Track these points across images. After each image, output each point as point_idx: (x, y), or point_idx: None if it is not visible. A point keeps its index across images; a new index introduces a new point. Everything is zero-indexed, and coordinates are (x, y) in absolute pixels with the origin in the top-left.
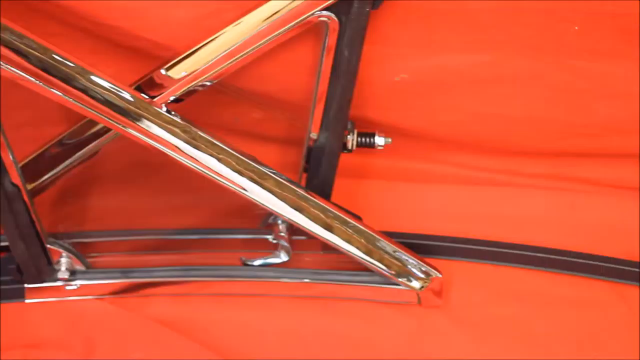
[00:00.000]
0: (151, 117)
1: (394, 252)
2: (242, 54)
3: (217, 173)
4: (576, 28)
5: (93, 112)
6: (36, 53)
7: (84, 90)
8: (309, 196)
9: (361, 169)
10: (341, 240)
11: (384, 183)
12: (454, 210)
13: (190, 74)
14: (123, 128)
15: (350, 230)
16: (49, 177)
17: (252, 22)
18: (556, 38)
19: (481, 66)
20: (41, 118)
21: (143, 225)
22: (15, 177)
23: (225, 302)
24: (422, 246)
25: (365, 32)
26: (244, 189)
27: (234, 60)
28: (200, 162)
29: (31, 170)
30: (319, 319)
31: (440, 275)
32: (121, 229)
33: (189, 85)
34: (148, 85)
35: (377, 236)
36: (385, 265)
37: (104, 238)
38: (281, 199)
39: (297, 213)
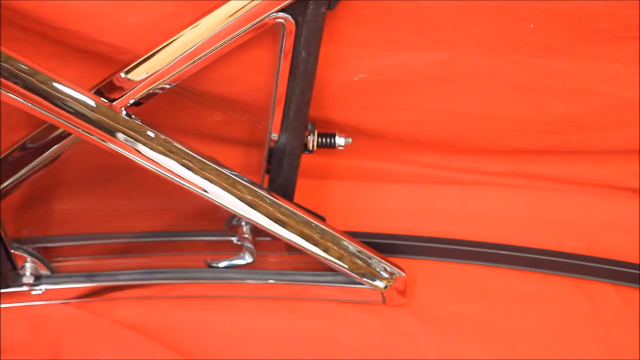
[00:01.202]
0: (110, 121)
1: (358, 252)
2: (200, 56)
3: (178, 175)
4: (531, 26)
5: (53, 116)
6: None
7: (44, 96)
8: (270, 197)
9: (323, 170)
10: (304, 241)
11: (347, 183)
12: (416, 209)
13: (149, 77)
14: (83, 132)
15: (314, 231)
16: (11, 182)
17: (208, 25)
18: (512, 36)
19: (439, 65)
20: (2, 124)
21: (107, 229)
22: None
23: (191, 304)
24: (385, 245)
25: (321, 33)
26: (205, 191)
27: (192, 63)
28: (161, 165)
29: None
30: (285, 320)
31: (404, 275)
32: (85, 233)
33: (149, 88)
34: (108, 89)
35: (340, 236)
36: (349, 265)
37: (68, 242)
38: (243, 201)
39: (258, 214)
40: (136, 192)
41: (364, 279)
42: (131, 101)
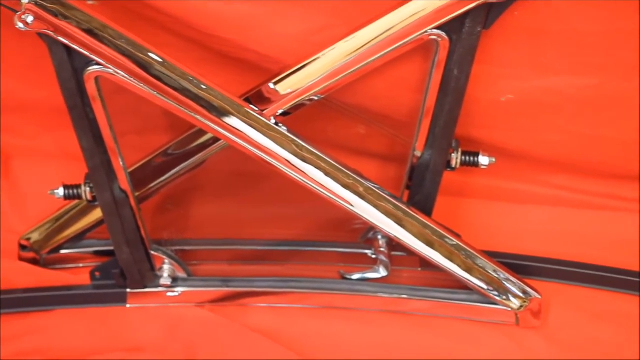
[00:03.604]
0: (263, 130)
1: (494, 271)
2: (351, 70)
3: (324, 187)
4: None
5: (204, 121)
6: (152, 62)
7: (197, 101)
8: (412, 213)
9: (460, 187)
10: (443, 257)
11: (483, 202)
12: (552, 231)
13: (298, 89)
14: (233, 139)
15: (452, 248)
16: (155, 185)
17: (362, 39)
18: None
19: (587, 88)
20: (145, 126)
21: (242, 235)
22: (124, 183)
23: (322, 314)
24: (519, 266)
25: (475, 51)
26: (350, 204)
27: (342, 77)
28: (308, 176)
29: (138, 178)
30: (415, 335)
31: (539, 297)
32: (220, 238)
33: (297, 100)
34: (257, 98)
35: (477, 254)
36: (485, 284)
37: (205, 246)
38: (386, 215)
39: (401, 229)
40: (272, 199)
41: (499, 299)
42: (280, 111)
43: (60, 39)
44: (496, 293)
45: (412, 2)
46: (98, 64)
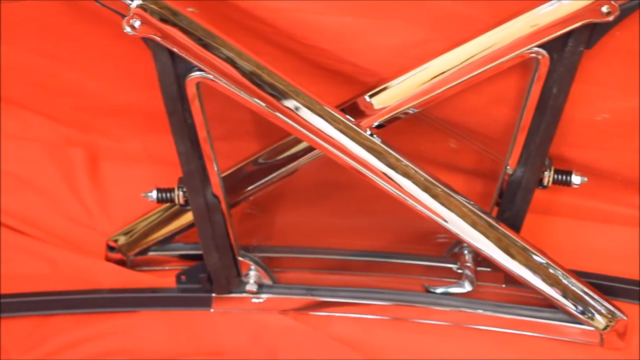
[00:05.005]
0: (361, 141)
1: (581, 290)
2: (449, 85)
3: (419, 201)
4: None
5: (302, 130)
6: (255, 70)
7: (296, 110)
8: (503, 229)
9: (547, 205)
10: (531, 274)
11: (569, 220)
12: (637, 253)
13: (394, 102)
14: (331, 149)
15: (540, 265)
16: (246, 192)
17: (463, 55)
18: None
19: None
20: (232, 132)
21: (327, 244)
22: (217, 188)
23: (404, 327)
24: (603, 286)
25: (576, 70)
26: (444, 219)
27: (440, 92)
28: (404, 189)
29: (229, 184)
30: (496, 352)
31: (625, 318)
32: (307, 247)
33: (393, 113)
34: (352, 110)
35: (565, 273)
36: (571, 303)
37: (290, 254)
38: (479, 231)
39: (492, 245)
40: (359, 210)
41: (585, 318)
42: (375, 123)
43: (166, 44)
44: (582, 312)
45: (516, 19)
46: (201, 70)
